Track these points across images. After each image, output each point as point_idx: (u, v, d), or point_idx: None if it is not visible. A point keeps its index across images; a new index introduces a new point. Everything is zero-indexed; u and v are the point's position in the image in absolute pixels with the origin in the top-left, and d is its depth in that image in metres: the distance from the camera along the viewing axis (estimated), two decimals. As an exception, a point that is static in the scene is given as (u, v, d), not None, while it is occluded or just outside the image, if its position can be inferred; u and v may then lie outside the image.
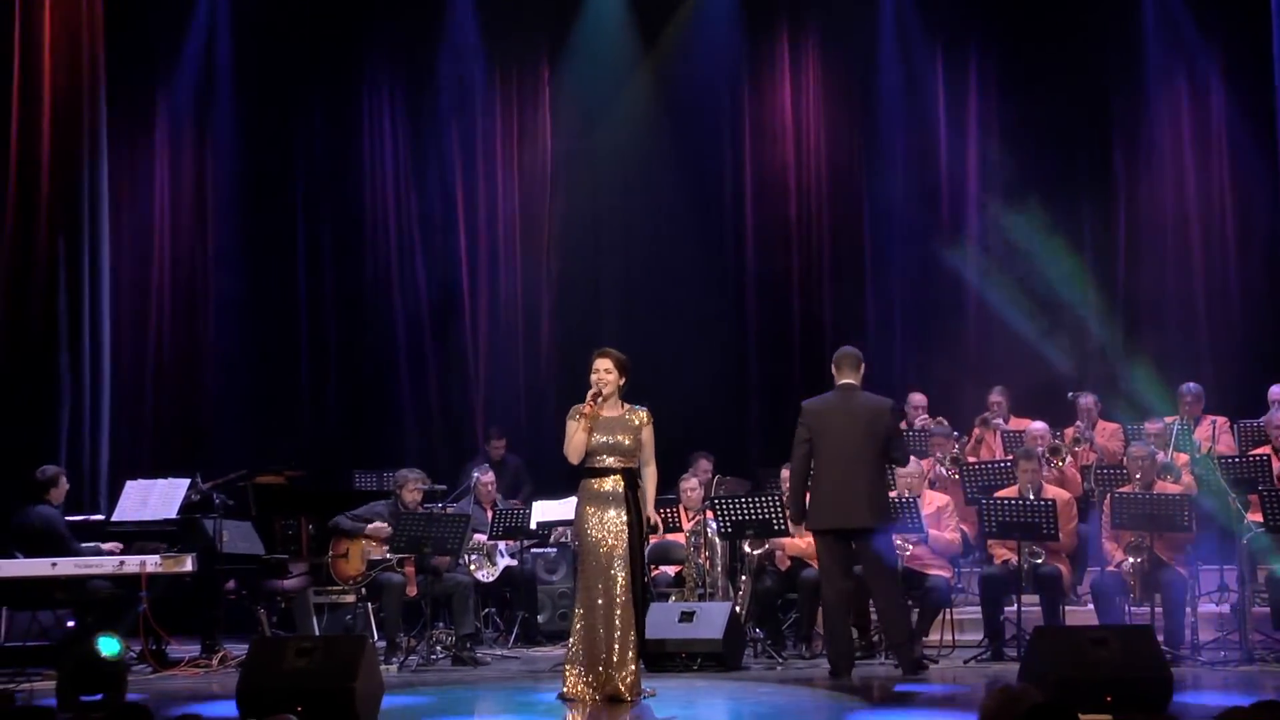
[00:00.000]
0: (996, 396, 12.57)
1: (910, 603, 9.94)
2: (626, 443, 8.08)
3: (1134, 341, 13.32)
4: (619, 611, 7.91)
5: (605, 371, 8.14)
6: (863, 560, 9.21)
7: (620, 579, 7.94)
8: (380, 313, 14.61)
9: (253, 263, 14.39)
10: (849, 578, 9.24)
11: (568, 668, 8.06)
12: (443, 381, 14.58)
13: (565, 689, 8.02)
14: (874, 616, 9.89)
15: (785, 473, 10.77)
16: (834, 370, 9.39)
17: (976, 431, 12.26)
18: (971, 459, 11.90)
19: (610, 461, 8.08)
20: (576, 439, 8.04)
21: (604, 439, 8.07)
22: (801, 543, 10.36)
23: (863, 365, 9.40)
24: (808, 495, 9.27)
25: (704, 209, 14.66)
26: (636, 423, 8.14)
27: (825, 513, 9.17)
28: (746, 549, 10.32)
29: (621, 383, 8.19)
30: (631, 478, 8.09)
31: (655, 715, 7.71)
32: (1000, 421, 12.37)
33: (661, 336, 14.17)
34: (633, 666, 7.91)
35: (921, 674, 9.12)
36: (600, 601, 7.94)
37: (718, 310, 14.60)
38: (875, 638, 9.89)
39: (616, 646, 7.90)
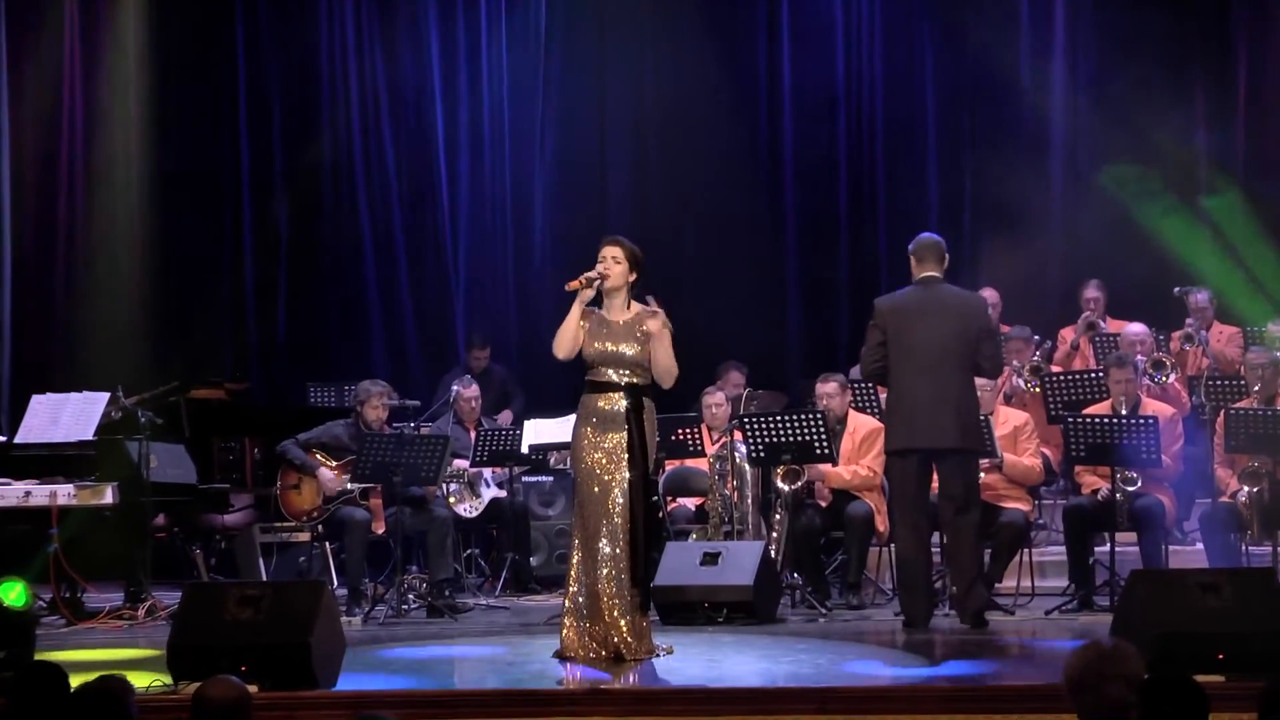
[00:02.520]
0: (1093, 292, 12.48)
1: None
2: (633, 353, 8.01)
3: (1258, 224, 13.16)
4: (619, 553, 7.86)
5: (613, 260, 8.07)
6: (941, 489, 9.23)
7: (619, 514, 7.89)
8: (341, 196, 14.54)
9: (185, 136, 14.26)
10: (926, 512, 9.27)
11: (565, 620, 8.03)
12: (415, 278, 14.51)
13: (562, 645, 7.99)
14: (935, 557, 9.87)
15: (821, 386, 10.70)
16: (913, 261, 9.42)
17: (1071, 334, 12.15)
18: (1056, 368, 11.81)
19: (613, 375, 8.04)
20: (566, 327, 8.04)
21: (608, 348, 8.02)
22: (845, 473, 10.33)
23: (947, 256, 9.41)
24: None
25: (731, 68, 14.51)
26: (649, 330, 8.05)
27: (903, 430, 9.20)
28: (780, 484, 10.25)
29: (632, 279, 8.13)
30: (637, 395, 8.04)
31: (669, 677, 7.67)
32: (1102, 324, 12.27)
33: (681, 225, 14.09)
34: (628, 620, 7.86)
35: (984, 629, 9.11)
36: (596, 541, 7.89)
37: (749, 192, 14.48)
38: (938, 583, 9.85)
39: (615, 595, 7.86)
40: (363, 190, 14.51)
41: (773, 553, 9.96)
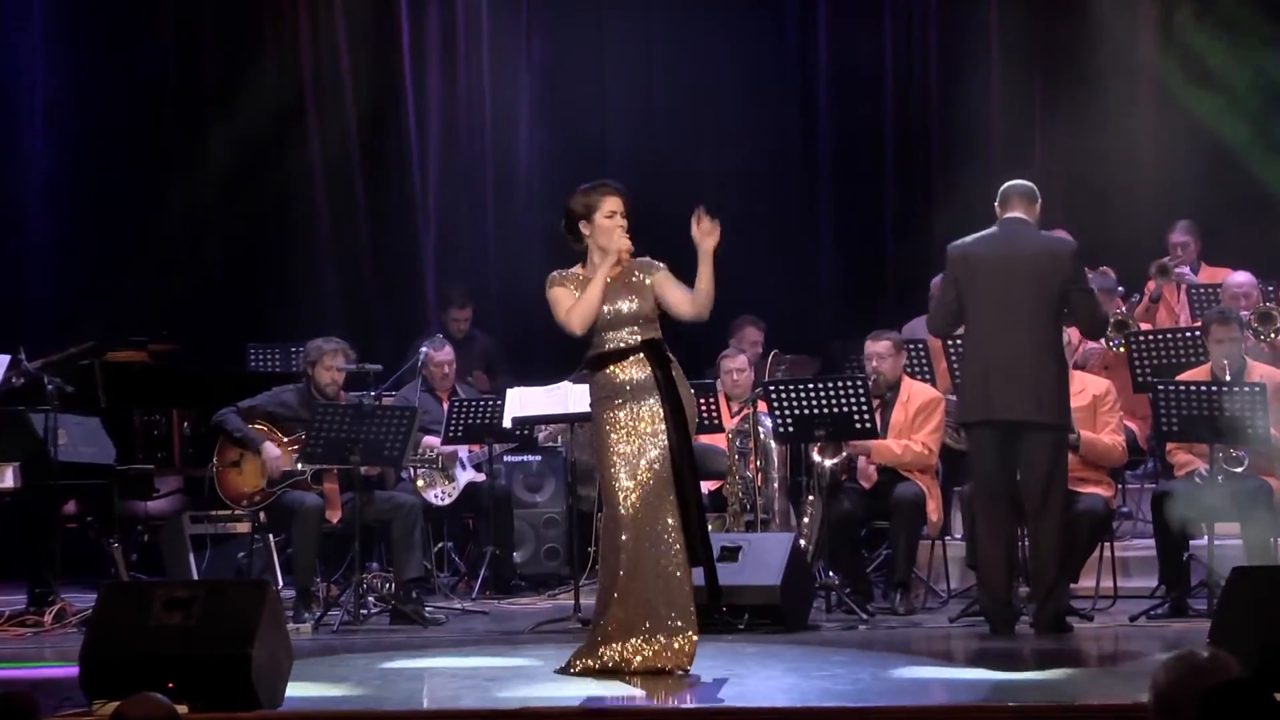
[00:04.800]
0: (1181, 236, 12.50)
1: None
2: (633, 308, 8.02)
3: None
4: (675, 552, 7.80)
5: (624, 217, 8.06)
6: (1022, 469, 9.29)
7: (670, 505, 7.83)
8: (286, 118, 14.53)
9: (99, 42, 14.28)
10: (1008, 499, 9.32)
11: (598, 637, 7.95)
12: (376, 217, 14.53)
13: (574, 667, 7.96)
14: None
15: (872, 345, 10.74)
16: (997, 211, 9.52)
17: (1151, 285, 12.17)
18: (1144, 325, 11.82)
19: (626, 336, 8.01)
20: (592, 300, 7.92)
21: (605, 311, 7.98)
22: (896, 446, 10.36)
23: (1039, 201, 9.48)
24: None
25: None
26: (647, 281, 8.05)
27: (978, 399, 9.30)
28: (816, 457, 10.28)
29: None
30: (658, 351, 8.02)
31: (681, 693, 7.68)
32: (1186, 271, 12.26)
33: (694, 152, 14.10)
34: (692, 628, 7.87)
35: (1066, 635, 9.16)
36: (650, 546, 7.81)
37: (775, 111, 14.50)
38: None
39: (677, 602, 7.81)
40: (312, 107, 14.52)
41: (804, 546, 9.99)
